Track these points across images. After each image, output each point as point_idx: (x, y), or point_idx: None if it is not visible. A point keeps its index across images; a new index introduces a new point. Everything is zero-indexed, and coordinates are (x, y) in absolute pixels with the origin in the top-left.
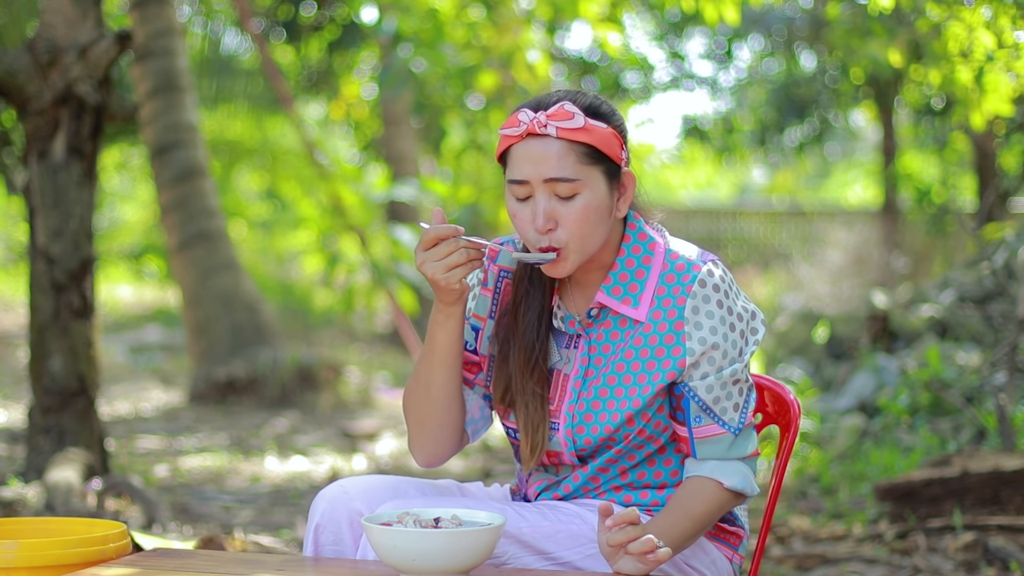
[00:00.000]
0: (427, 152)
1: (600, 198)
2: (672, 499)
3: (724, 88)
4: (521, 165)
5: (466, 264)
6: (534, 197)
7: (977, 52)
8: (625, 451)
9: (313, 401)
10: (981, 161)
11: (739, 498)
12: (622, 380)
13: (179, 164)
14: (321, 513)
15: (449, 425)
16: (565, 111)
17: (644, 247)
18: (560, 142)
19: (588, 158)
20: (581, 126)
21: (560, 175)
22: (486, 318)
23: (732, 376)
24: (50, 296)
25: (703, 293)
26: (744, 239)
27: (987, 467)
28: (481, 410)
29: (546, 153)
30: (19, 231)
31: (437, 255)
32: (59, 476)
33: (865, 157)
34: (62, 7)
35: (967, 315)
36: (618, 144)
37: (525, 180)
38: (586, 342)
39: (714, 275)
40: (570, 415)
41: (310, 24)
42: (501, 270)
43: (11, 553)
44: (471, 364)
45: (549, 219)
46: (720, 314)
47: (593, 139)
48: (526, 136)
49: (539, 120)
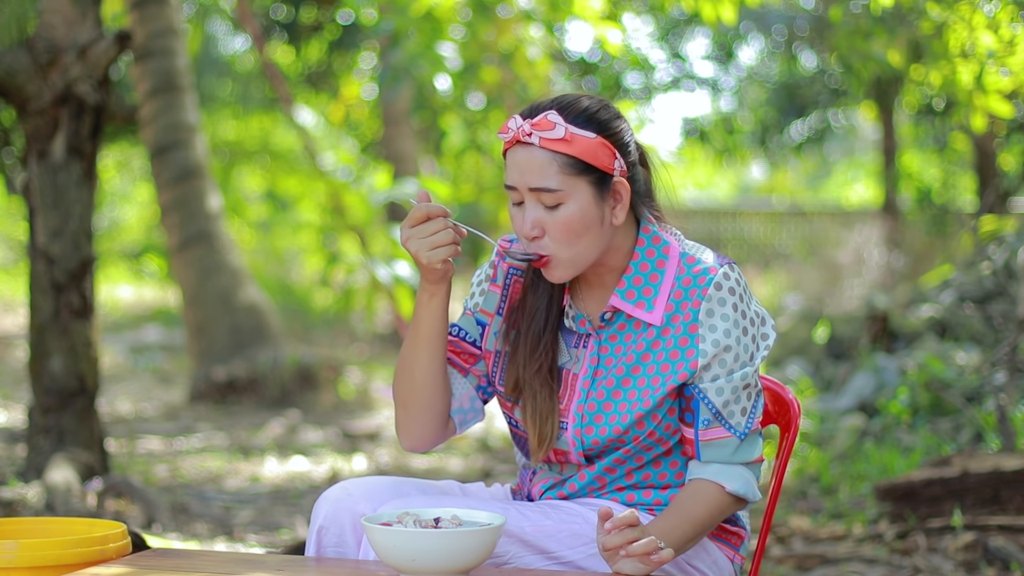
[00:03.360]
0: (427, 152)
1: (585, 209)
2: (673, 501)
3: (725, 89)
4: (511, 172)
5: (450, 245)
6: (525, 203)
7: (978, 51)
8: (633, 452)
9: (313, 401)
10: (981, 161)
11: (740, 503)
12: (635, 381)
13: (179, 164)
14: (324, 515)
15: (433, 407)
16: (548, 121)
17: (658, 251)
18: (543, 152)
19: (572, 168)
20: (561, 137)
21: (542, 185)
22: (493, 314)
23: (743, 380)
24: (50, 296)
25: (719, 296)
26: (744, 239)
27: (987, 467)
28: (471, 401)
29: (530, 162)
30: (19, 231)
31: (423, 232)
32: (59, 476)
33: (865, 157)
34: (62, 7)
35: (967, 315)
36: (608, 152)
37: (514, 187)
38: (596, 342)
39: (730, 278)
40: (579, 415)
41: (310, 24)
42: (511, 268)
43: (11, 553)
44: (468, 355)
45: (535, 227)
46: (734, 317)
47: (575, 150)
48: (515, 143)
49: (524, 129)
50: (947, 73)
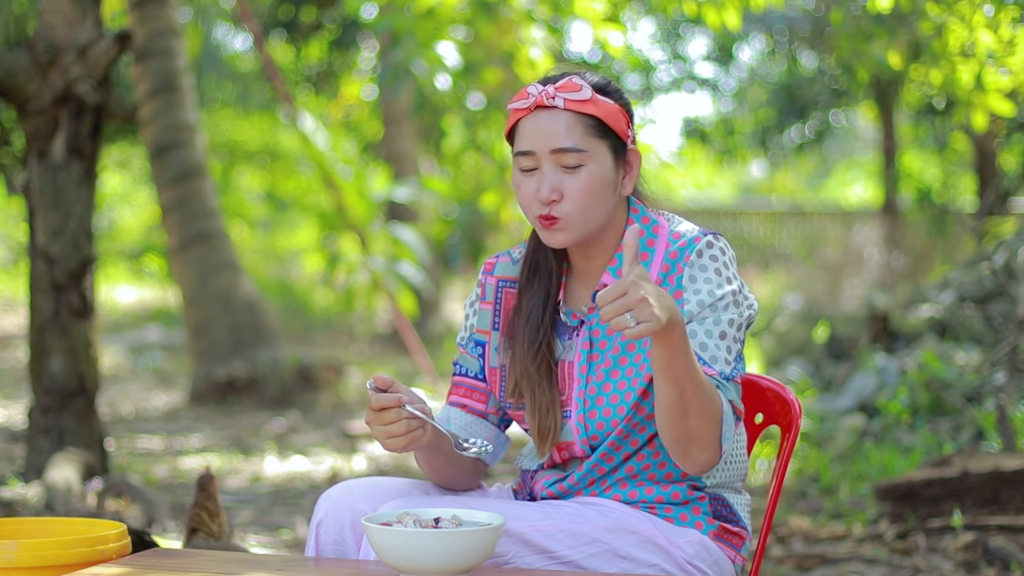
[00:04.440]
0: (427, 152)
1: (605, 172)
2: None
3: (725, 90)
4: (529, 136)
5: (405, 435)
6: (540, 169)
7: (978, 51)
8: (626, 431)
9: (313, 401)
10: (981, 161)
11: (726, 422)
12: (631, 359)
13: (179, 164)
14: (324, 511)
15: (465, 472)
16: (573, 83)
17: (648, 230)
18: (568, 113)
19: (595, 131)
20: (588, 98)
21: (567, 145)
22: (490, 331)
23: (717, 325)
24: (50, 296)
25: (700, 262)
26: (744, 239)
27: (987, 467)
28: (496, 437)
29: (554, 124)
30: (19, 231)
31: (380, 420)
32: (59, 476)
33: (865, 157)
34: (62, 7)
35: (967, 315)
36: (624, 121)
37: (532, 151)
38: (587, 327)
39: (713, 246)
40: (580, 400)
41: (310, 24)
42: (500, 280)
43: (11, 553)
44: (479, 392)
45: (554, 190)
46: (717, 280)
47: (600, 112)
48: (535, 108)
49: (548, 92)
50: (947, 73)
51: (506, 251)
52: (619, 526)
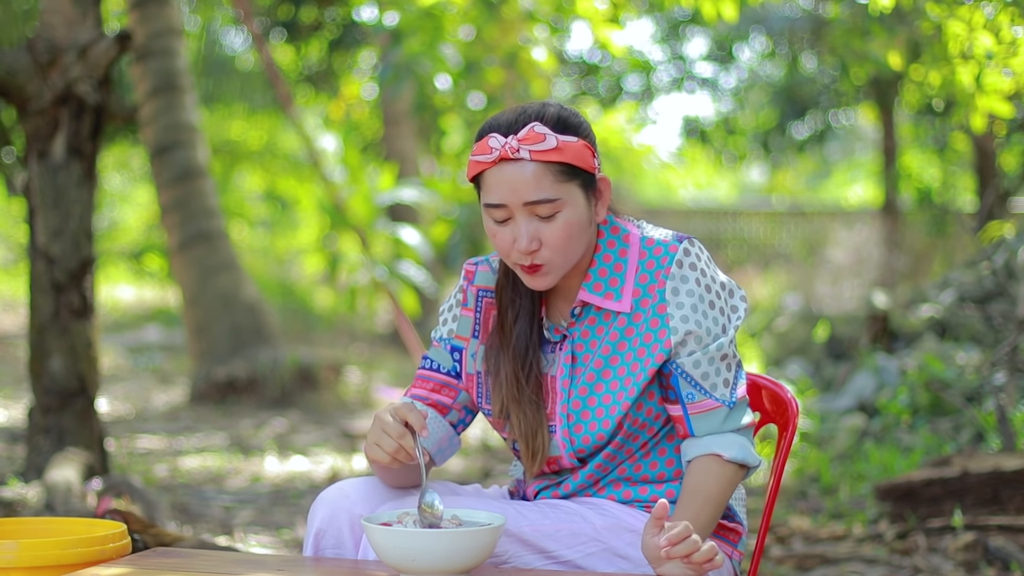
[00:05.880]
0: (427, 152)
1: (579, 212)
2: (684, 488)
3: (725, 90)
4: (498, 190)
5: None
6: (514, 219)
7: (977, 52)
8: (620, 443)
9: (313, 401)
10: (981, 161)
11: (743, 469)
12: (614, 372)
13: (179, 164)
14: (321, 519)
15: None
16: (536, 133)
17: (618, 240)
18: (535, 164)
19: (564, 175)
20: (554, 147)
21: (539, 197)
22: (469, 337)
23: (719, 351)
24: (50, 296)
25: (681, 274)
26: (744, 239)
27: (987, 467)
28: (450, 439)
29: (522, 177)
30: (19, 231)
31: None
32: (59, 476)
33: (865, 157)
34: (62, 7)
35: (967, 315)
36: (590, 153)
37: (503, 204)
38: (569, 341)
39: (690, 254)
40: (564, 415)
41: (310, 24)
42: (480, 290)
43: (11, 553)
44: (448, 388)
45: (532, 240)
46: (699, 292)
47: (566, 157)
48: (499, 161)
49: (511, 145)
50: (947, 73)
51: (485, 258)
52: (617, 525)
